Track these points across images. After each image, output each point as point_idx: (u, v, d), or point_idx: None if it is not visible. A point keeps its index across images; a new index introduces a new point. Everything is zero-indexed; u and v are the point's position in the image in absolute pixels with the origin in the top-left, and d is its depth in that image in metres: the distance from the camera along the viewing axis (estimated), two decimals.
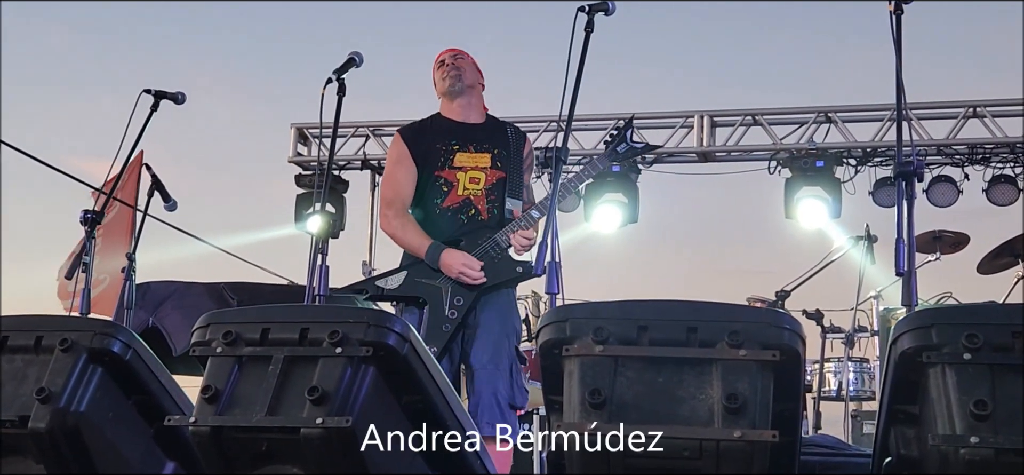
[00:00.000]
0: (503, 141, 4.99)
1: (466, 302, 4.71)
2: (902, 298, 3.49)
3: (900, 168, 3.60)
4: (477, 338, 4.70)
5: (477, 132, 4.98)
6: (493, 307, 4.77)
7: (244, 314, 3.19)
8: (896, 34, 3.76)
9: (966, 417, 2.54)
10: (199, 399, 2.99)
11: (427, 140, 4.94)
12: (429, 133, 4.98)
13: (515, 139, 5.04)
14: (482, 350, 4.66)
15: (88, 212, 5.15)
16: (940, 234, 8.08)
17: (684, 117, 10.95)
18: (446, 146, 4.91)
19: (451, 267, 4.70)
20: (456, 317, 4.69)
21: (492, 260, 4.74)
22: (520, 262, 4.80)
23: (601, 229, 10.91)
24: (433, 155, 4.90)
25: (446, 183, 4.87)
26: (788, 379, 2.85)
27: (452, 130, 4.96)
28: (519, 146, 5.03)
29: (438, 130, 4.98)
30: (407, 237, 4.86)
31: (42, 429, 3.19)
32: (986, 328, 2.62)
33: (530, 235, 4.76)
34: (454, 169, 4.88)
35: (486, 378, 4.60)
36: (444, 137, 4.93)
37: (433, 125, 5.04)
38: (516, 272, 4.77)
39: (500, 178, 4.90)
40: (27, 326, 3.39)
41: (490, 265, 4.73)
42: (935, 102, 10.51)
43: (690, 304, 2.94)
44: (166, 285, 7.94)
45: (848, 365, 8.67)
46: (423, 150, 4.92)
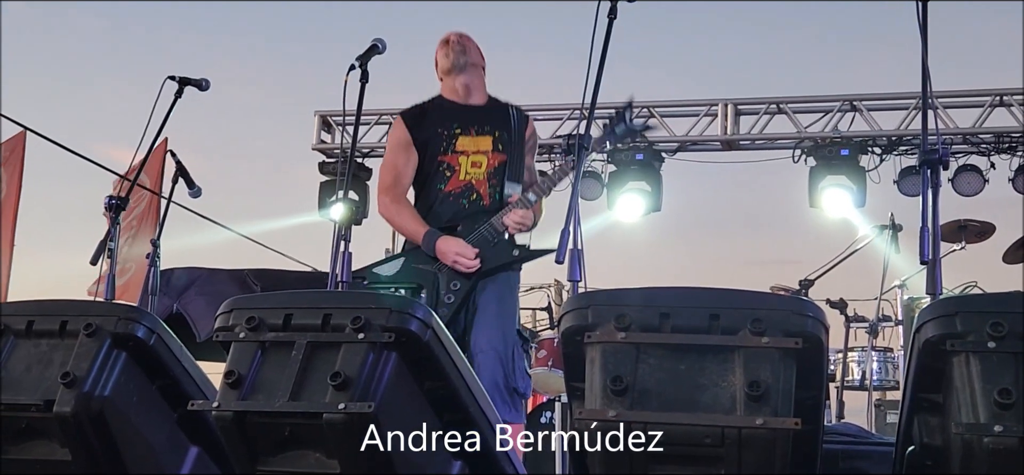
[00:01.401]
0: (505, 123, 4.95)
1: (463, 287, 4.70)
2: (926, 287, 3.46)
3: (925, 156, 3.57)
4: (475, 323, 4.68)
5: (479, 114, 4.95)
6: (491, 290, 4.75)
7: (267, 300, 3.21)
8: (922, 22, 3.73)
9: (990, 406, 2.53)
10: (222, 384, 3.01)
11: (429, 124, 4.91)
12: (430, 116, 4.96)
13: (518, 121, 5.00)
14: (481, 334, 4.64)
15: (112, 198, 5.17)
16: (966, 223, 8.03)
17: (708, 105, 10.93)
18: (448, 130, 4.88)
19: (446, 254, 4.69)
20: (453, 301, 4.67)
21: (489, 244, 4.72)
22: (518, 245, 4.79)
23: (624, 217, 10.91)
24: (435, 140, 4.87)
25: (448, 168, 4.85)
26: (811, 367, 2.84)
27: (454, 113, 4.92)
28: (521, 128, 4.99)
29: (439, 113, 4.95)
30: (404, 223, 4.87)
31: (67, 413, 3.21)
32: (1011, 317, 2.60)
33: (525, 216, 4.74)
34: (456, 153, 4.86)
35: (486, 364, 4.57)
36: (445, 121, 4.90)
37: (434, 108, 5.00)
38: (512, 255, 4.75)
39: (502, 162, 4.87)
40: (52, 311, 3.41)
41: (487, 250, 4.72)
42: (962, 90, 10.45)
43: (713, 291, 2.93)
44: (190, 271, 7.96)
45: (872, 354, 8.63)
46: (425, 135, 4.89)
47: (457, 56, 4.90)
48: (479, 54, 5.01)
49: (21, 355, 3.37)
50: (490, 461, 3.21)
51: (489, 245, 4.73)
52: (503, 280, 4.81)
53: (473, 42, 5.01)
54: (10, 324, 3.41)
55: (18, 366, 3.35)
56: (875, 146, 10.47)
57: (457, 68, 4.91)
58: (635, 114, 4.93)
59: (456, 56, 4.90)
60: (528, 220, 4.76)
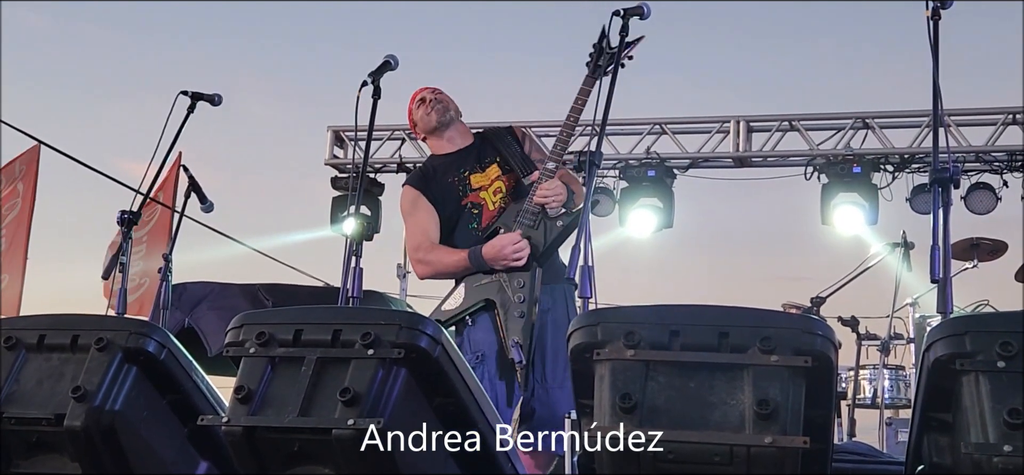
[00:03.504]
0: (496, 147, 4.95)
1: (527, 281, 4.60)
2: (937, 305, 3.46)
3: (936, 174, 3.58)
4: (545, 354, 4.60)
5: (475, 151, 4.97)
6: (549, 315, 4.65)
7: (277, 315, 3.22)
8: (933, 39, 3.74)
9: (999, 425, 2.52)
10: (232, 399, 3.02)
11: (437, 181, 4.91)
12: (434, 174, 4.96)
13: (503, 138, 4.99)
14: (551, 369, 4.57)
15: (125, 212, 5.18)
16: (978, 241, 8.03)
17: (720, 122, 10.91)
18: (457, 177, 4.88)
19: (495, 258, 4.61)
20: (524, 300, 4.57)
21: (531, 228, 4.64)
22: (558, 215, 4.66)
23: (636, 234, 10.88)
24: (450, 190, 4.87)
25: (475, 206, 4.84)
26: (820, 385, 2.83)
27: (455, 161, 4.94)
28: (509, 141, 4.98)
29: (442, 168, 4.95)
30: (445, 262, 4.79)
31: (78, 427, 3.22)
32: (1020, 336, 2.59)
33: (552, 187, 4.63)
34: (475, 191, 4.85)
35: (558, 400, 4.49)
36: (450, 171, 4.91)
37: (435, 166, 5.01)
38: (558, 228, 4.64)
39: (515, 180, 4.84)
40: (63, 325, 3.43)
41: (532, 235, 4.64)
42: (974, 108, 10.42)
43: (722, 309, 2.93)
44: (202, 286, 7.98)
45: (883, 372, 8.61)
46: (437, 190, 4.89)
47: (440, 115, 4.97)
48: (453, 103, 5.06)
49: (33, 369, 3.39)
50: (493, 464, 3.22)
51: (532, 228, 4.65)
52: (561, 305, 4.70)
53: (444, 93, 5.06)
54: (22, 338, 3.43)
55: (30, 380, 3.37)
56: (887, 164, 10.43)
57: (443, 126, 4.98)
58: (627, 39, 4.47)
59: (439, 115, 4.97)
60: (558, 191, 4.64)
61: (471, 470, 3.18)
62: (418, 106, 5.03)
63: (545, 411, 4.50)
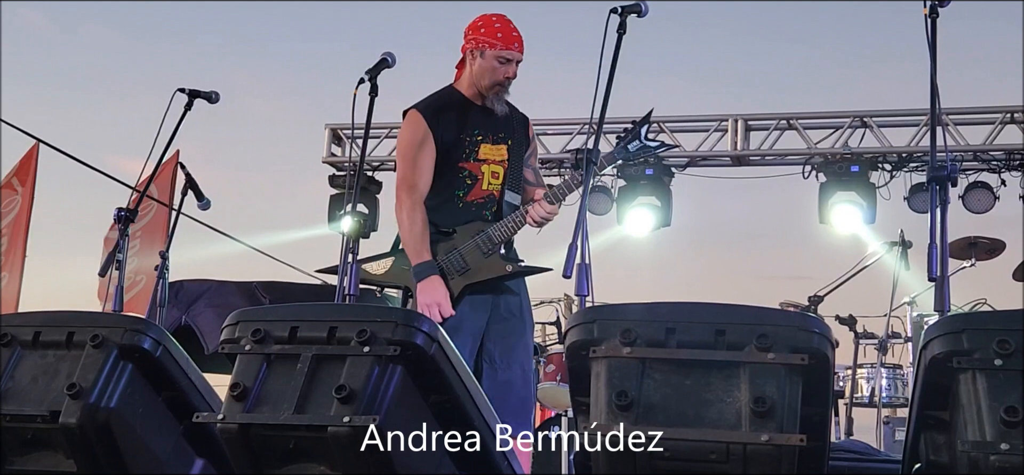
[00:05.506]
0: (515, 130, 4.86)
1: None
2: (934, 303, 3.47)
3: (933, 173, 3.58)
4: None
5: (499, 122, 4.81)
6: (467, 303, 4.65)
7: (273, 312, 3.21)
8: (931, 38, 3.73)
9: (996, 424, 2.52)
10: (227, 396, 3.01)
11: (451, 126, 4.73)
12: (451, 116, 4.75)
13: (522, 124, 4.92)
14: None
15: (122, 210, 5.18)
16: (976, 240, 8.01)
17: (718, 120, 10.91)
18: (470, 137, 4.73)
19: (420, 297, 4.54)
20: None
21: (481, 255, 4.64)
22: (511, 261, 4.71)
23: (634, 232, 10.89)
24: (457, 145, 4.71)
25: (470, 176, 4.73)
26: (817, 383, 2.83)
27: (476, 118, 4.77)
28: (525, 130, 4.93)
29: (460, 115, 4.77)
30: (413, 236, 4.65)
31: (73, 424, 3.21)
32: (1017, 334, 2.59)
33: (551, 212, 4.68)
34: (478, 162, 4.74)
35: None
36: (468, 126, 4.74)
37: (453, 106, 4.79)
38: (504, 271, 4.66)
39: (512, 169, 4.80)
40: (59, 322, 3.42)
41: (478, 261, 4.64)
42: (972, 107, 10.43)
43: (718, 307, 2.92)
44: (199, 283, 7.99)
45: (881, 371, 8.60)
46: (448, 137, 4.71)
47: (501, 90, 4.77)
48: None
49: (28, 366, 3.37)
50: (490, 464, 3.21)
51: (481, 256, 4.65)
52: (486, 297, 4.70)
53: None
54: (17, 335, 3.41)
55: (25, 377, 3.35)
56: (885, 162, 10.44)
57: (504, 89, 4.80)
58: (649, 131, 4.85)
59: (500, 90, 4.77)
60: (552, 217, 4.68)
61: (468, 469, 3.17)
62: (502, 63, 4.72)
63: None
